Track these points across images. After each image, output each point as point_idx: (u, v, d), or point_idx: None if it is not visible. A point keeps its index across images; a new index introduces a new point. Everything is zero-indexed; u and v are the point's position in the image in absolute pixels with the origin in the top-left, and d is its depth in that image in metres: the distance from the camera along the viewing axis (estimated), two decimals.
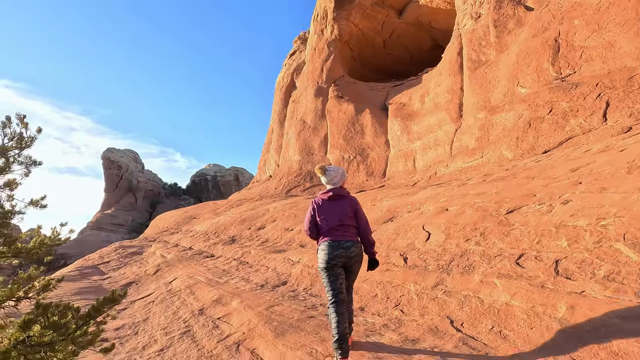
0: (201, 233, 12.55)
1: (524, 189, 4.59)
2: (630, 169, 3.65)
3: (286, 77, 25.61)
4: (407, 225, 5.49)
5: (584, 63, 8.62)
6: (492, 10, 11.42)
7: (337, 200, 3.13)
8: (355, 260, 3.00)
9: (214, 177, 72.27)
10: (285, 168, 19.95)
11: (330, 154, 17.49)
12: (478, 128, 10.43)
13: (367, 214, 7.88)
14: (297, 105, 22.01)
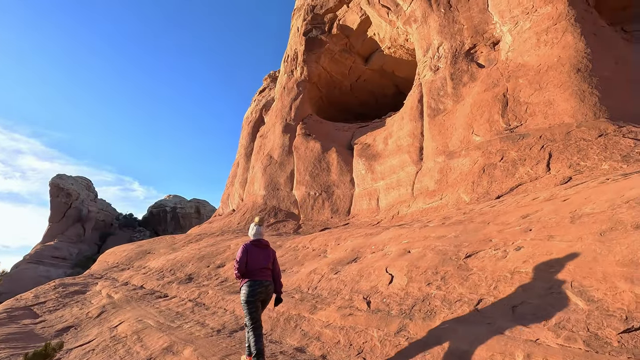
0: (155, 270, 11.74)
1: (481, 234, 4.80)
2: (573, 219, 3.95)
3: (255, 112, 25.90)
4: (371, 267, 5.49)
5: (528, 117, 9.52)
6: (449, 64, 12.49)
7: (263, 248, 4.04)
8: (270, 297, 3.97)
9: (174, 208, 69.13)
10: (249, 202, 19.60)
11: (296, 190, 17.50)
12: (437, 171, 10.98)
13: (332, 253, 7.84)
14: (264, 140, 22.13)
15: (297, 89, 20.84)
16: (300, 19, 21.33)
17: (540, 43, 10.08)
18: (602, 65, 8.98)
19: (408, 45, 17.04)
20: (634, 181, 4.33)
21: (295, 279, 6.69)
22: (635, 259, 2.82)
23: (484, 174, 9.00)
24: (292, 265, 7.89)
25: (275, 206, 17.73)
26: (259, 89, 28.92)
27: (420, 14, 14.30)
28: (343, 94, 22.76)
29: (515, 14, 11.11)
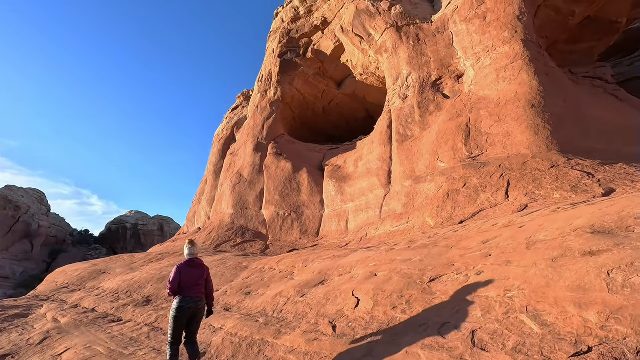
0: (110, 291, 10.99)
1: (444, 258, 4.94)
2: (529, 245, 4.17)
3: (226, 129, 25.65)
4: (338, 290, 5.46)
5: (489, 147, 10.10)
6: (417, 93, 13.11)
7: (196, 267, 4.48)
8: (200, 311, 4.37)
9: (135, 225, 65.71)
10: (216, 221, 19.06)
11: (265, 209, 17.28)
12: (405, 195, 11.28)
13: (299, 275, 7.73)
14: (235, 158, 21.86)
15: (271, 108, 20.97)
16: (276, 41, 21.74)
17: (499, 79, 10.86)
18: (553, 102, 9.78)
19: (379, 73, 17.77)
20: (581, 211, 4.67)
21: (260, 302, 6.50)
22: (582, 285, 3.01)
23: (448, 199, 9.36)
24: (257, 287, 7.68)
25: (243, 225, 17.36)
26: (231, 106, 28.80)
27: (391, 44, 15.03)
28: (316, 115, 23.14)
29: (477, 51, 11.95)
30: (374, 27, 15.99)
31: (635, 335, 2.35)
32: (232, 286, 8.30)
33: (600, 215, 4.16)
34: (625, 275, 2.84)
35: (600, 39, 14.12)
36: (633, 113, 11.02)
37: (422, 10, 15.74)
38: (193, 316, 4.27)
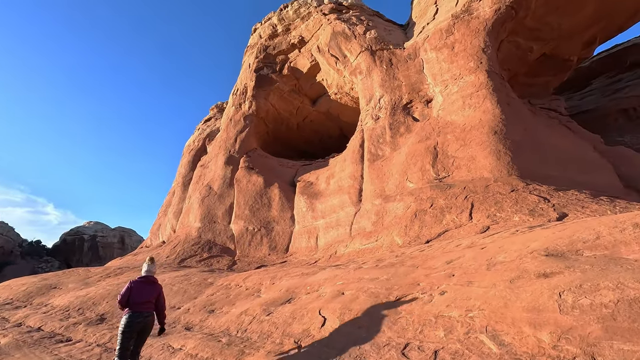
0: (60, 309, 10.20)
1: (410, 278, 5.03)
2: (489, 266, 4.34)
3: (198, 141, 25.16)
4: (305, 308, 5.38)
5: (455, 169, 10.53)
6: (388, 115, 13.54)
7: (149, 284, 4.65)
8: (148, 327, 4.44)
9: (93, 237, 62.01)
10: (182, 234, 18.39)
11: (234, 224, 16.91)
12: (374, 213, 11.45)
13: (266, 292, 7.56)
14: (205, 170, 21.39)
15: (244, 122, 20.86)
16: (253, 56, 21.87)
17: (465, 105, 11.46)
18: (513, 130, 10.42)
19: (353, 94, 18.23)
20: (537, 234, 4.94)
21: (224, 320, 6.27)
22: (537, 306, 3.15)
23: (415, 219, 9.59)
24: (222, 304, 7.42)
25: (211, 240, 16.85)
26: (204, 117, 28.37)
27: (365, 67, 15.53)
28: (290, 131, 23.24)
29: (445, 78, 12.59)
30: (349, 49, 16.49)
31: (583, 355, 2.47)
32: (195, 304, 7.97)
33: (553, 238, 4.42)
34: (574, 297, 3.01)
35: (555, 74, 15.34)
36: (584, 144, 11.93)
37: (395, 36, 16.46)
38: (142, 331, 4.38)
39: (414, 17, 17.26)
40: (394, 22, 19.12)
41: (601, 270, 3.24)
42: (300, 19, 20.29)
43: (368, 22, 17.24)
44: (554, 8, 12.74)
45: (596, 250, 3.82)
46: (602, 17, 13.47)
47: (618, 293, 2.83)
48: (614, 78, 20.08)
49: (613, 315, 2.63)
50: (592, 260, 3.55)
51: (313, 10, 19.66)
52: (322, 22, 18.42)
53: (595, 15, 13.31)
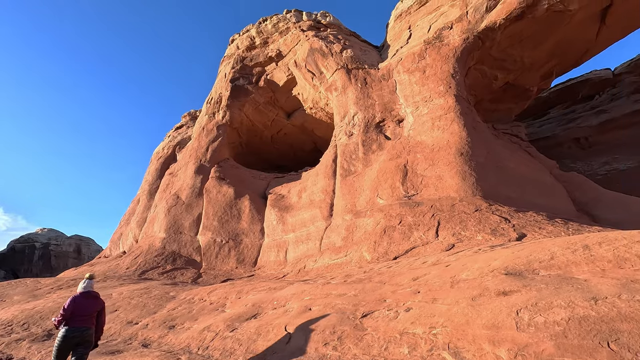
0: (1, 323, 9.36)
1: (377, 294, 5.07)
2: (453, 284, 4.47)
3: (167, 148, 24.46)
4: (270, 324, 5.27)
5: (423, 188, 10.85)
6: (362, 132, 13.83)
7: (91, 299, 4.65)
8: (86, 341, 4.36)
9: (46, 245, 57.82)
10: (145, 245, 17.58)
11: (202, 235, 16.40)
12: (345, 228, 11.52)
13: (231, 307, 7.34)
14: (173, 179, 20.75)
15: (217, 131, 20.55)
16: (229, 67, 21.77)
17: (434, 127, 11.93)
18: (478, 152, 10.95)
19: (328, 109, 18.52)
20: (498, 253, 5.16)
21: (184, 337, 6.00)
22: (496, 323, 3.27)
23: (384, 235, 9.74)
24: (184, 320, 7.11)
25: (175, 251, 16.22)
26: (175, 125, 27.70)
27: (341, 84, 15.87)
28: (263, 143, 23.14)
29: (416, 100, 13.10)
30: (325, 66, 16.83)
31: None
32: (154, 318, 7.58)
33: (513, 258, 4.63)
34: (530, 315, 3.15)
35: (517, 102, 16.37)
36: (541, 168, 12.72)
37: (370, 56, 17.01)
38: (77, 345, 4.29)
39: (388, 39, 17.95)
40: (369, 43, 19.78)
41: (554, 289, 3.42)
42: (279, 33, 20.53)
43: (345, 41, 17.73)
44: (517, 41, 13.70)
45: (551, 270, 4.04)
46: (559, 53, 14.63)
47: (569, 311, 2.99)
48: (569, 109, 21.71)
49: (564, 333, 2.77)
50: (547, 280, 3.75)
51: (292, 26, 19.98)
52: (300, 38, 18.73)
53: (552, 51, 14.43)
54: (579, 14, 12.67)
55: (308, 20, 19.95)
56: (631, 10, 12.86)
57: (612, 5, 12.69)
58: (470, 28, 13.40)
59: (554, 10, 12.38)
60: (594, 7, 12.67)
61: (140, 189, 24.13)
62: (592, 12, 12.91)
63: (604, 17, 13.22)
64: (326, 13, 20.83)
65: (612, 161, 17.11)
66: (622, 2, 12.47)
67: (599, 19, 13.36)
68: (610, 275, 3.52)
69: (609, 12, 12.98)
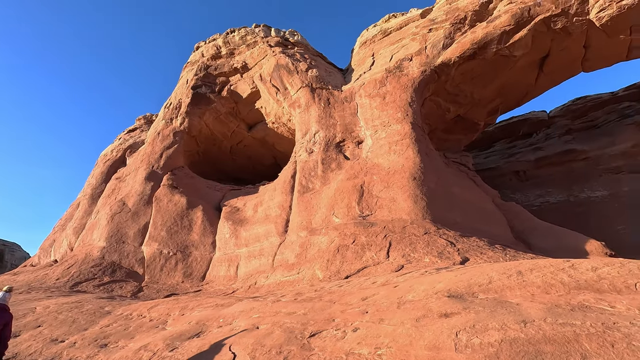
0: None
1: (326, 313, 5.06)
2: (399, 304, 4.60)
3: (117, 151, 23.03)
4: (214, 343, 5.03)
5: (378, 209, 11.17)
6: (322, 150, 14.04)
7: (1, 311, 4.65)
8: None
9: None
10: (81, 254, 16.15)
11: (147, 245, 15.43)
12: (299, 245, 11.46)
13: (173, 324, 6.91)
14: (121, 184, 19.48)
15: (174, 137, 19.77)
16: (192, 73, 21.27)
17: (391, 151, 12.44)
18: (429, 178, 11.55)
19: (290, 125, 18.63)
20: (443, 276, 5.41)
21: (117, 357, 5.53)
22: (437, 344, 3.40)
23: (338, 254, 9.82)
24: (119, 338, 6.56)
25: (116, 262, 15.06)
26: (128, 127, 26.26)
27: (304, 102, 16.11)
28: (222, 153, 22.61)
29: (376, 124, 13.62)
30: (290, 83, 17.03)
31: None
32: (84, 336, 6.92)
33: (455, 281, 4.88)
34: (468, 336, 3.32)
35: (466, 134, 17.62)
36: (485, 197, 13.67)
37: (334, 78, 17.51)
38: None
39: (353, 64, 18.65)
40: (335, 65, 20.40)
41: (490, 312, 3.65)
42: (246, 46, 20.53)
43: (311, 60, 18.13)
44: (469, 79, 14.88)
45: (488, 293, 4.32)
46: (504, 93, 16.10)
47: (502, 333, 3.20)
48: (511, 144, 23.76)
49: (497, 354, 2.95)
50: (485, 303, 3.99)
51: (259, 40, 20.08)
52: (267, 53, 18.86)
53: (498, 91, 15.85)
54: (522, 60, 14.11)
55: (276, 37, 20.19)
56: (565, 62, 14.57)
57: (549, 56, 14.29)
58: (428, 62, 14.36)
59: (501, 54, 13.68)
60: (534, 56, 14.18)
61: (82, 192, 22.33)
62: (533, 59, 14.44)
63: (542, 65, 14.83)
64: (294, 32, 21.24)
65: (546, 194, 18.87)
66: (557, 54, 14.10)
67: (538, 66, 14.97)
68: (538, 300, 3.83)
69: (546, 62, 14.59)
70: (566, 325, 3.05)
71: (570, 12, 12.34)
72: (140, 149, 21.66)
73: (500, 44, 13.38)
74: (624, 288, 3.73)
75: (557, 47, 13.76)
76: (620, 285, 3.79)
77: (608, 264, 4.39)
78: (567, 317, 3.21)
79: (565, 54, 14.03)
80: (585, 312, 3.30)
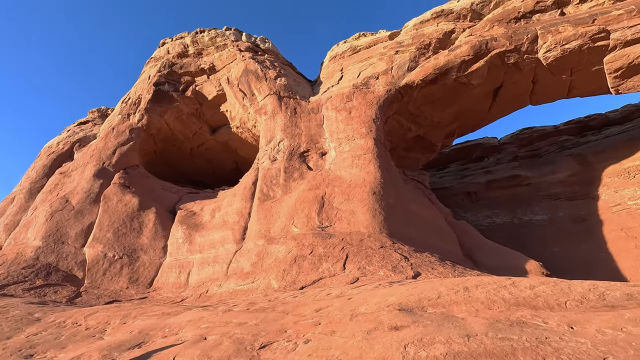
0: None
1: (279, 324, 4.97)
2: (352, 317, 4.63)
3: (64, 143, 21.38)
4: (156, 355, 4.74)
5: (337, 220, 11.27)
6: (285, 159, 14.00)
7: None
8: None
9: None
10: (11, 253, 14.62)
11: (90, 247, 14.33)
12: (255, 254, 11.23)
13: (112, 333, 6.43)
14: (65, 180, 18.05)
15: (130, 134, 18.75)
16: (155, 69, 20.44)
17: (353, 164, 12.68)
18: (388, 193, 11.88)
19: (255, 131, 18.42)
20: (395, 289, 5.55)
21: None
22: (386, 357, 3.45)
23: (294, 264, 9.74)
24: (47, 348, 5.98)
25: (52, 264, 13.81)
26: (79, 119, 24.53)
27: (271, 109, 16.05)
28: (181, 155, 21.78)
29: (340, 137, 13.86)
30: (258, 89, 16.92)
31: None
32: (6, 345, 6.23)
33: (407, 295, 5.02)
34: (416, 349, 3.41)
35: (424, 153, 18.44)
36: (439, 214, 14.30)
37: (302, 88, 17.66)
38: None
39: (322, 77, 18.94)
40: (304, 76, 20.58)
41: (437, 326, 3.78)
42: (215, 48, 20.16)
43: (281, 69, 18.17)
44: (429, 102, 15.67)
45: (437, 307, 4.48)
46: (460, 118, 17.11)
47: (447, 347, 3.32)
48: (464, 166, 25.17)
49: None
50: (433, 317, 4.13)
51: (229, 43, 19.83)
52: (237, 57, 18.64)
53: (456, 115, 16.83)
54: (478, 89, 15.13)
55: (247, 42, 20.05)
56: (515, 94, 15.82)
57: (502, 87, 15.45)
58: (394, 82, 14.95)
59: (459, 82, 14.58)
60: (489, 86, 15.27)
61: (19, 185, 20.37)
62: (488, 89, 15.53)
63: (496, 95, 16.00)
64: (266, 39, 21.24)
65: (493, 215, 20.13)
66: (509, 86, 15.29)
67: (492, 96, 16.12)
68: (481, 315, 4.03)
69: (499, 92, 15.76)
70: (505, 340, 3.23)
71: (522, 49, 13.49)
72: (91, 143, 20.29)
73: (460, 72, 14.27)
74: (556, 305, 4.04)
75: (509, 80, 14.93)
76: (553, 302, 4.10)
77: (544, 282, 4.74)
78: (506, 332, 3.40)
79: (515, 87, 15.26)
80: (522, 327, 3.52)
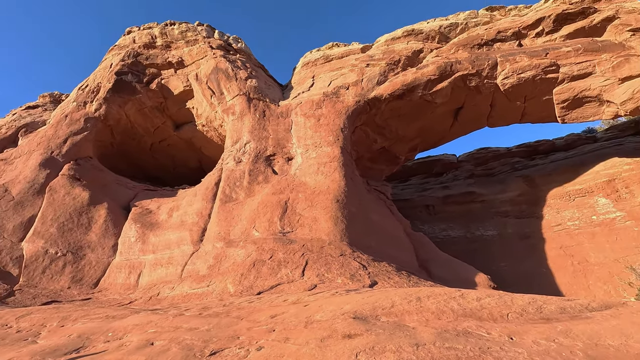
0: None
1: (232, 330, 4.86)
2: (307, 324, 4.63)
3: (8, 127, 19.68)
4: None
5: (299, 226, 11.25)
6: (250, 161, 13.80)
7: None
8: None
9: None
10: None
11: (29, 242, 13.19)
12: (213, 257, 10.91)
13: (48, 337, 5.94)
14: (6, 167, 16.57)
15: (85, 124, 17.60)
16: (118, 58, 19.44)
17: (319, 171, 12.76)
18: (351, 202, 12.07)
19: (221, 131, 18.02)
20: (351, 297, 5.62)
21: None
22: None
23: (253, 268, 9.58)
24: None
25: None
26: (28, 103, 22.72)
27: (239, 110, 15.80)
28: (141, 149, 20.76)
29: (308, 143, 13.92)
30: (227, 89, 16.61)
31: None
32: None
33: (362, 303, 5.10)
34: (367, 357, 3.47)
35: (388, 165, 18.96)
36: (398, 225, 14.72)
37: (273, 92, 17.58)
38: None
39: (293, 82, 18.97)
40: (275, 79, 20.50)
41: (389, 335, 3.88)
42: (185, 42, 19.57)
43: (252, 70, 17.97)
44: (396, 115, 16.19)
45: (390, 316, 4.59)
46: (423, 133, 17.84)
47: (397, 355, 3.41)
48: (424, 180, 26.18)
49: None
50: (385, 326, 4.23)
51: (201, 39, 19.34)
52: (208, 54, 18.21)
53: (419, 131, 17.52)
54: (441, 108, 15.88)
55: (219, 40, 19.66)
56: (474, 115, 16.77)
57: (463, 108, 16.33)
58: (363, 94, 15.30)
59: (425, 99, 15.22)
60: (451, 105, 16.07)
61: None
62: (450, 109, 16.35)
63: (457, 115, 16.86)
64: (239, 39, 20.96)
65: (448, 229, 21.05)
66: (470, 107, 16.18)
67: (454, 115, 16.98)
68: (431, 325, 4.19)
69: (460, 112, 16.63)
70: (451, 349, 3.38)
71: (483, 74, 14.37)
72: (39, 129, 18.81)
73: (425, 90, 14.91)
74: (499, 317, 4.29)
75: (470, 102, 15.82)
76: (496, 314, 4.36)
77: (489, 295, 5.03)
78: (452, 342, 3.56)
79: (475, 108, 16.18)
80: (467, 337, 3.70)
